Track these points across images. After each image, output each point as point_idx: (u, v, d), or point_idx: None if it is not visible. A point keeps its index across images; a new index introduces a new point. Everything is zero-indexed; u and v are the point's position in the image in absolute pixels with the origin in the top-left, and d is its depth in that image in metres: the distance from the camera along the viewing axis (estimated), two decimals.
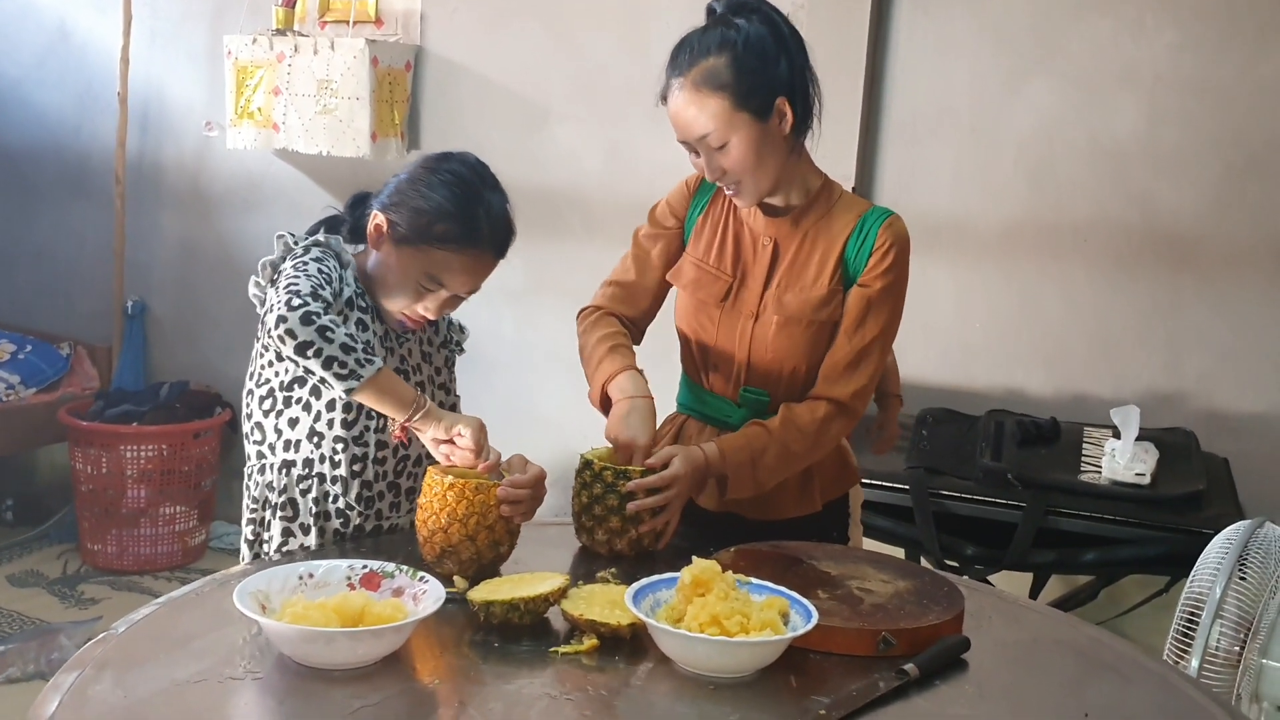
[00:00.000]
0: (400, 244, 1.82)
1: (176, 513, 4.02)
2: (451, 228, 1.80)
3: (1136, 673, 1.57)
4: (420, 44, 3.92)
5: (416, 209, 1.81)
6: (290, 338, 1.63)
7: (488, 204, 1.83)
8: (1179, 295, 3.15)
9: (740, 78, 1.78)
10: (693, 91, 1.80)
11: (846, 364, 1.89)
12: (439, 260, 1.81)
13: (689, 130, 1.83)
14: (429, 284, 1.83)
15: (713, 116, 1.79)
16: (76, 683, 1.37)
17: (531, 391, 3.89)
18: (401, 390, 1.73)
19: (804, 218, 1.92)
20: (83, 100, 4.56)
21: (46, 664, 3.24)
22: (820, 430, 1.89)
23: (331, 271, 1.78)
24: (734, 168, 1.83)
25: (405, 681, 1.41)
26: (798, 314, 1.90)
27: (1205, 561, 2.04)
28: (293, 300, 1.65)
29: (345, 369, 1.64)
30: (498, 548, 1.71)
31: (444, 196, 1.81)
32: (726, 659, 1.43)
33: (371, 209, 1.86)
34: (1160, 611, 2.76)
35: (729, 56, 1.79)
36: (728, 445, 1.88)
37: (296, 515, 1.87)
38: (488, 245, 1.83)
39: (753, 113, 1.80)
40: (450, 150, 1.92)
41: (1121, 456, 2.69)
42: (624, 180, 3.67)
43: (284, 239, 1.84)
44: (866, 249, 1.88)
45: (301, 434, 1.85)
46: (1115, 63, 3.15)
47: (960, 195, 3.33)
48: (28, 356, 4.34)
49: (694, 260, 2.00)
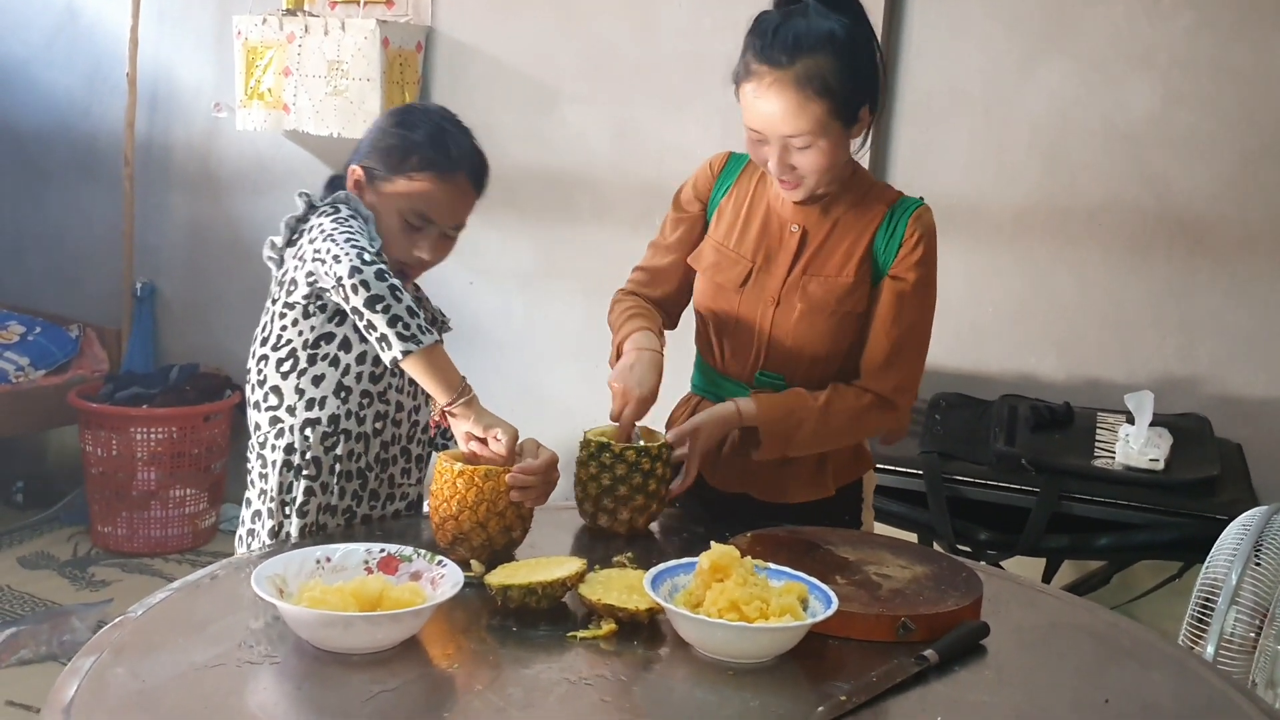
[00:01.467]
0: (380, 184, 1.85)
1: (186, 495, 4.03)
2: (425, 156, 1.83)
3: (1155, 658, 1.56)
4: (431, 25, 3.90)
5: (388, 148, 1.85)
6: (364, 288, 1.62)
7: (456, 137, 1.88)
8: (1193, 279, 3.14)
9: (843, 84, 1.73)
10: (795, 90, 1.72)
11: (885, 357, 1.89)
12: (419, 192, 1.83)
13: (775, 126, 1.76)
14: (415, 220, 1.84)
15: (811, 119, 1.73)
16: (94, 667, 1.36)
17: (540, 374, 3.88)
18: (452, 372, 1.71)
19: (834, 206, 1.90)
20: (91, 81, 4.55)
21: (58, 646, 3.25)
22: (861, 418, 1.90)
23: (361, 230, 1.78)
24: (810, 169, 1.79)
25: (423, 666, 1.41)
26: (822, 303, 1.89)
27: (1221, 547, 2.03)
28: (365, 254, 1.65)
29: (408, 330, 1.63)
30: (509, 533, 1.70)
31: (413, 132, 1.85)
32: (746, 644, 1.42)
33: (348, 173, 1.89)
34: (1173, 597, 2.75)
35: (840, 61, 1.72)
36: (766, 403, 1.87)
37: (319, 474, 1.85)
38: (463, 173, 1.86)
39: (844, 122, 1.77)
40: None
41: (1135, 442, 2.68)
42: (633, 162, 3.65)
43: (306, 197, 1.84)
44: (896, 240, 1.87)
45: (328, 390, 1.83)
46: (1130, 44, 3.13)
47: (973, 178, 3.32)
48: (37, 338, 4.34)
49: (714, 243, 1.98)
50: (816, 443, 1.90)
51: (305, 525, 1.86)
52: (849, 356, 1.93)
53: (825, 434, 1.89)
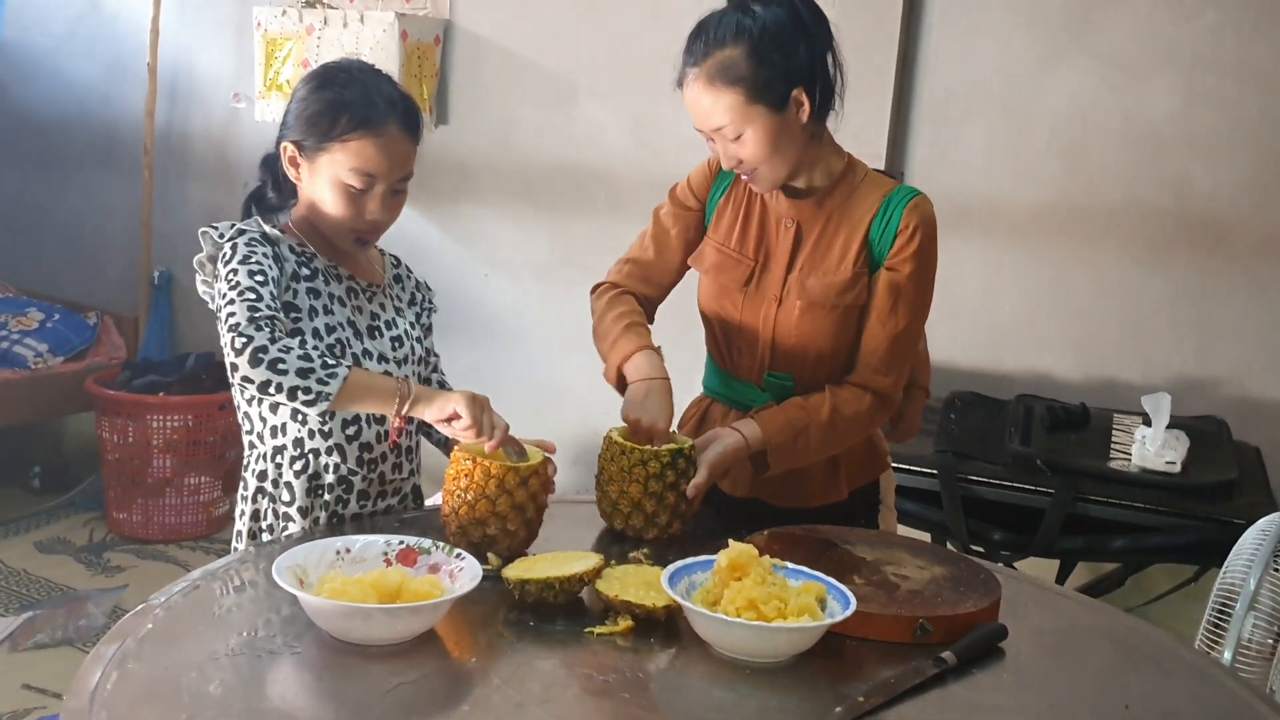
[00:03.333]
0: (315, 155, 1.79)
1: (201, 483, 4.04)
2: (353, 114, 1.76)
3: (1175, 663, 1.56)
4: (449, 18, 3.90)
5: (314, 115, 1.78)
6: (248, 384, 1.61)
7: (380, 88, 1.80)
8: (1213, 281, 3.12)
9: (756, 70, 1.75)
10: (707, 84, 1.77)
11: (885, 351, 1.87)
12: (354, 151, 1.76)
13: (704, 121, 1.81)
14: (357, 181, 1.77)
15: (727, 109, 1.77)
16: (117, 654, 1.37)
17: (556, 367, 3.88)
18: (381, 386, 1.68)
19: (827, 199, 1.89)
20: (112, 71, 4.57)
21: (74, 630, 3.27)
22: (864, 419, 1.89)
23: (263, 261, 1.73)
24: (750, 158, 1.81)
25: (441, 659, 1.42)
26: (821, 298, 1.88)
27: (1239, 552, 2.03)
28: (235, 340, 1.62)
29: (310, 394, 1.61)
30: (530, 526, 1.70)
31: (333, 93, 1.78)
32: (763, 644, 1.42)
33: (280, 151, 1.84)
34: (1188, 600, 2.75)
35: (745, 47, 1.75)
36: (769, 424, 1.86)
37: (294, 499, 1.83)
38: (394, 121, 1.78)
39: (769, 105, 1.77)
40: None
41: (1152, 444, 2.67)
42: (650, 156, 3.65)
43: (208, 235, 1.80)
44: (891, 231, 1.86)
45: (285, 416, 1.82)
46: (1152, 43, 3.11)
47: (992, 176, 3.31)
48: (55, 325, 4.36)
49: (715, 244, 1.98)
50: (824, 451, 1.90)
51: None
52: (855, 350, 1.92)
53: (832, 441, 1.89)
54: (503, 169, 3.92)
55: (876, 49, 3.29)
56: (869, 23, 3.29)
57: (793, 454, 1.86)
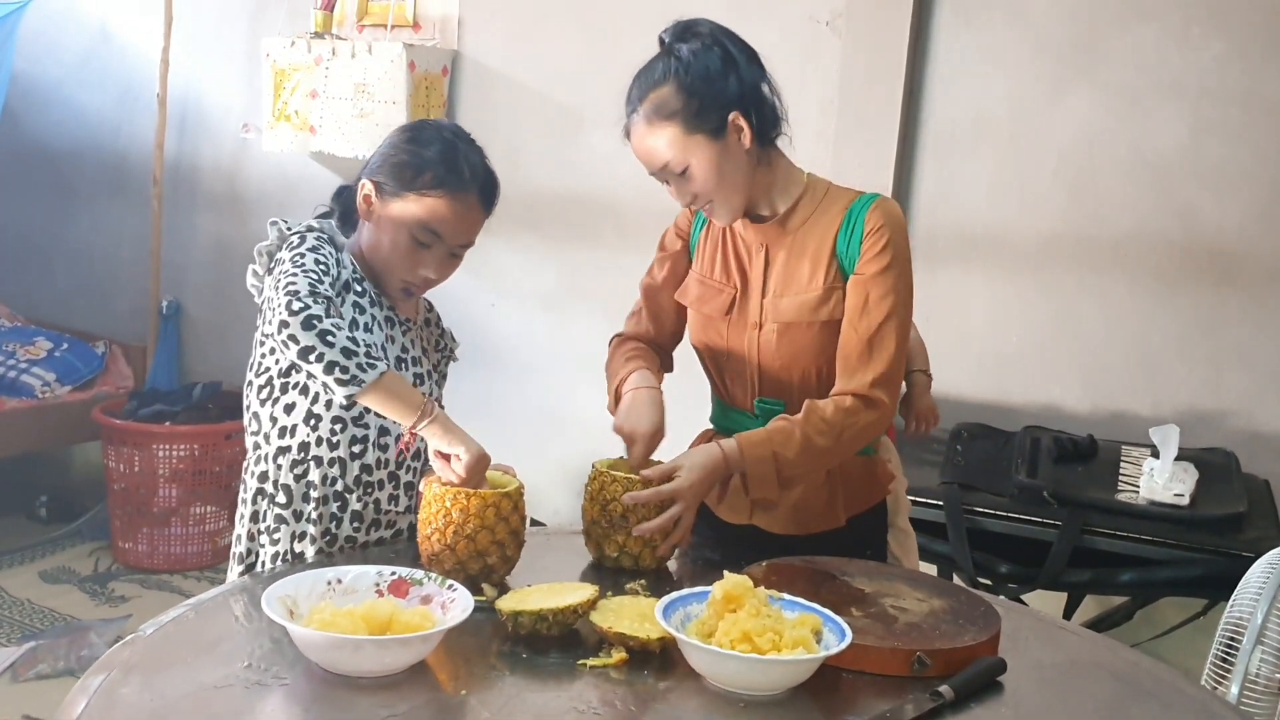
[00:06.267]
0: (390, 200, 1.83)
1: (207, 513, 4.04)
2: (437, 173, 1.82)
3: (1177, 700, 1.53)
4: (457, 49, 3.93)
5: (400, 164, 1.84)
6: (293, 343, 1.63)
7: (467, 155, 1.86)
8: (1221, 311, 3.10)
9: (688, 101, 1.80)
10: (646, 124, 1.83)
11: (858, 354, 1.84)
12: (429, 208, 1.82)
13: (651, 162, 1.86)
14: (424, 236, 1.82)
15: (668, 144, 1.82)
16: (104, 684, 1.36)
17: (562, 396, 3.87)
18: (409, 395, 1.70)
19: (790, 219, 1.91)
20: (123, 101, 4.61)
21: (76, 661, 3.26)
22: (844, 422, 1.81)
23: (328, 258, 1.78)
24: (701, 190, 1.85)
25: (432, 691, 1.40)
26: (795, 318, 1.89)
27: (1246, 586, 2.00)
28: (293, 303, 1.64)
29: (347, 374, 1.63)
30: (521, 549, 1.69)
31: (426, 149, 1.84)
32: (757, 677, 1.40)
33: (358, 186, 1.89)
34: (1198, 634, 2.70)
35: (674, 84, 1.81)
36: (747, 440, 1.84)
37: (290, 501, 1.85)
38: (474, 191, 1.85)
39: (707, 133, 1.81)
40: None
41: (1160, 476, 2.65)
42: (656, 186, 3.59)
43: (277, 225, 1.84)
44: (857, 237, 1.86)
45: (298, 418, 1.84)
46: (1159, 73, 3.11)
47: (998, 206, 3.29)
48: (64, 355, 4.38)
49: (698, 276, 2.01)
50: (808, 461, 1.82)
51: (278, 552, 1.86)
52: None
53: (812, 450, 1.81)
54: (510, 199, 3.85)
55: (883, 79, 3.29)
56: (875, 53, 3.30)
57: (775, 471, 1.80)
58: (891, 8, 3.28)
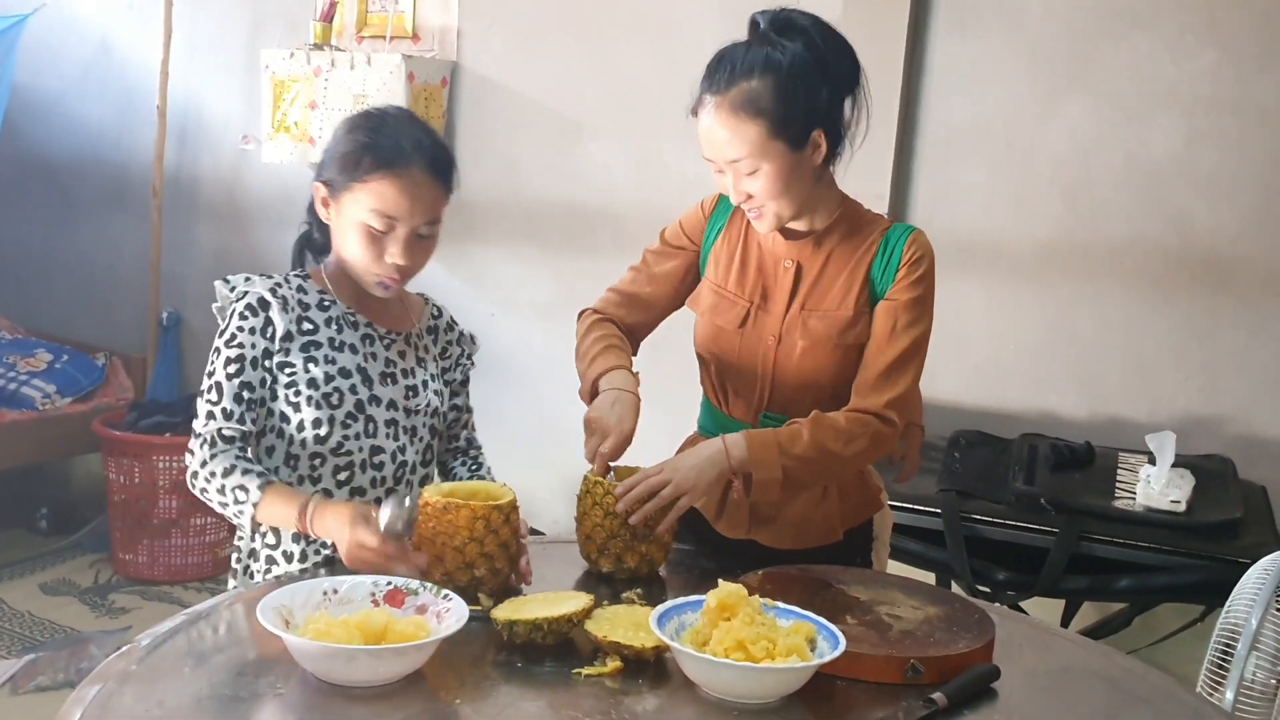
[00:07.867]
0: (342, 195, 1.79)
1: (207, 524, 4.04)
2: (376, 156, 1.76)
3: (1170, 706, 1.53)
4: (456, 60, 3.94)
5: (342, 156, 1.79)
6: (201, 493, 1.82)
7: (407, 131, 1.80)
8: (1217, 318, 3.11)
9: (780, 106, 1.74)
10: (729, 113, 1.75)
11: (878, 376, 1.83)
12: (375, 192, 1.76)
13: (720, 151, 1.79)
14: (378, 222, 1.77)
15: (747, 142, 1.75)
16: (99, 695, 1.36)
17: (560, 406, 3.86)
18: (287, 505, 1.75)
19: (826, 239, 1.89)
20: (123, 113, 4.62)
21: (76, 673, 3.26)
22: (855, 430, 1.80)
23: (248, 337, 1.82)
24: (760, 194, 1.80)
25: (427, 700, 1.40)
26: (824, 337, 1.87)
27: (1241, 591, 2.00)
28: (190, 442, 1.81)
29: (235, 505, 1.78)
30: (512, 563, 1.68)
31: (364, 133, 1.79)
32: (752, 685, 1.41)
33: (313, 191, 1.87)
34: (1195, 640, 2.70)
35: (771, 81, 1.74)
36: (752, 433, 1.81)
37: (279, 543, 1.87)
38: (419, 165, 1.78)
39: (788, 142, 1.76)
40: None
41: (1157, 483, 2.65)
42: (655, 196, 3.66)
43: (219, 289, 1.88)
44: (893, 265, 1.85)
45: (279, 460, 1.84)
46: (1153, 82, 3.12)
47: (994, 214, 3.31)
48: (64, 366, 4.38)
49: (712, 285, 1.97)
50: (814, 463, 1.79)
51: (276, 563, 1.89)
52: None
53: (822, 453, 1.78)
54: (509, 209, 3.94)
55: (879, 87, 3.25)
56: (872, 62, 3.24)
57: (780, 469, 1.77)
58: (887, 17, 3.29)
